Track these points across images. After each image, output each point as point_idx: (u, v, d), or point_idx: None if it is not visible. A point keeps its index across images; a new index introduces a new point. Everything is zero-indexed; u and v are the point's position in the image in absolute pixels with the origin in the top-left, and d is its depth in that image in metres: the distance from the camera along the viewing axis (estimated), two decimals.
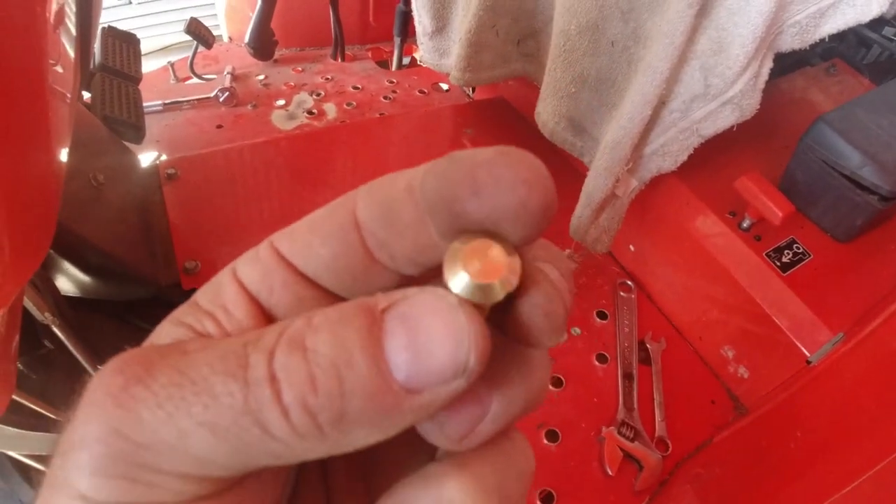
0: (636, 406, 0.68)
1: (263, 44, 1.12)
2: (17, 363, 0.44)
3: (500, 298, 0.12)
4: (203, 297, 0.15)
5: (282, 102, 1.07)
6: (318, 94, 1.10)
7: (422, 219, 0.13)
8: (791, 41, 0.59)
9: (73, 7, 0.56)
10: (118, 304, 0.71)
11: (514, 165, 0.12)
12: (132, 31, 0.92)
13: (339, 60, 1.21)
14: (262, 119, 1.03)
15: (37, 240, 0.40)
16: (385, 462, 0.17)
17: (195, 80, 1.09)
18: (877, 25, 0.84)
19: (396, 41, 1.18)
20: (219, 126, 1.00)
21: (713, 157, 0.73)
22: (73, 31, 0.54)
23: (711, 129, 0.63)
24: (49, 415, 0.53)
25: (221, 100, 1.03)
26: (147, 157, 0.88)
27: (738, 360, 0.71)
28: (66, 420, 0.12)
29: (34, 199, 0.40)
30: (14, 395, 0.46)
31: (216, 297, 0.14)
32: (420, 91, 1.15)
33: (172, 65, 1.10)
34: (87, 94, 0.80)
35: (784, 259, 0.67)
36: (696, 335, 0.76)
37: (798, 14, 0.57)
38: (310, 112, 1.06)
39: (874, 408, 0.53)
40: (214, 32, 1.09)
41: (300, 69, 1.17)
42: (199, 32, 1.02)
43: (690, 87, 0.61)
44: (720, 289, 0.71)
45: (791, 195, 0.65)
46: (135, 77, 0.85)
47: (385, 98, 1.12)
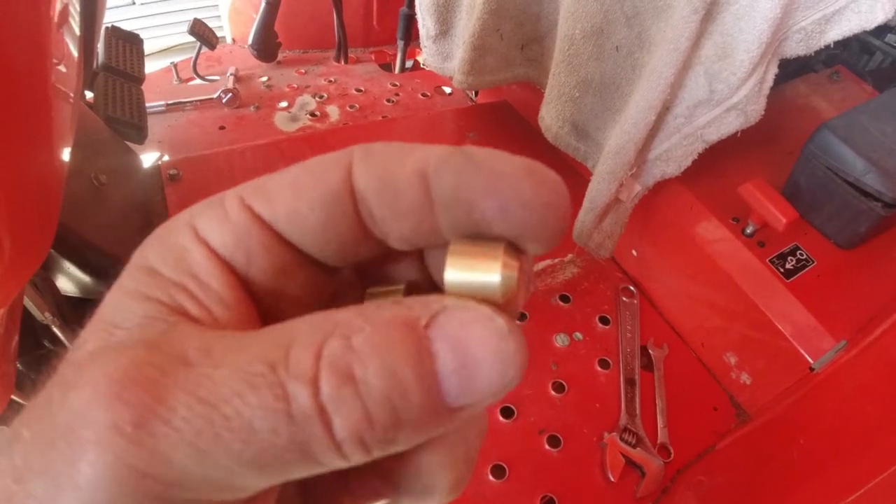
0: (638, 412, 0.67)
1: (267, 45, 1.12)
2: (17, 363, 0.44)
3: (501, 301, 0.12)
4: (162, 263, 0.13)
5: (285, 104, 1.07)
6: (321, 97, 1.10)
7: (428, 207, 0.12)
8: (796, 47, 0.59)
9: (77, 6, 0.56)
10: None
11: (540, 187, 0.12)
12: (136, 32, 0.93)
13: (343, 63, 1.21)
14: (265, 121, 1.03)
15: (38, 239, 0.40)
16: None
17: (198, 81, 1.09)
18: (880, 32, 0.84)
19: (400, 44, 1.18)
20: (221, 127, 0.99)
21: (717, 163, 0.73)
22: (77, 31, 0.54)
23: (715, 135, 0.63)
24: None
25: (224, 101, 1.03)
26: (149, 158, 0.88)
27: (741, 367, 0.70)
28: (22, 454, 0.11)
29: (35, 199, 0.40)
30: (14, 395, 0.46)
31: (180, 263, 0.13)
32: (423, 94, 1.15)
33: (175, 65, 1.10)
34: (90, 94, 0.80)
35: (787, 265, 0.67)
36: (699, 341, 0.75)
37: (803, 20, 0.56)
38: (312, 114, 1.06)
39: (878, 415, 0.52)
40: (218, 34, 1.10)
41: (303, 71, 1.17)
42: (203, 33, 1.02)
43: (695, 93, 0.61)
44: (723, 295, 0.71)
45: (794, 201, 0.65)
46: (138, 77, 0.85)
47: (388, 101, 1.12)
